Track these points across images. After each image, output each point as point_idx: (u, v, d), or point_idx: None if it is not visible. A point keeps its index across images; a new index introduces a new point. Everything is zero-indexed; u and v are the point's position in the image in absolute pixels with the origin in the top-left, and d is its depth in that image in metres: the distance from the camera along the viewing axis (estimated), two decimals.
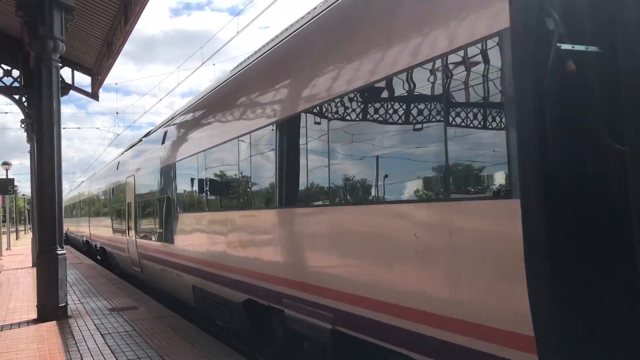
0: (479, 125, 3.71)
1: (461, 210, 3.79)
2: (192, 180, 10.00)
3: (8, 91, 18.88)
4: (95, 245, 24.69)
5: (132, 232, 15.03)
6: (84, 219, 29.61)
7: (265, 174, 6.92)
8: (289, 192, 6.26)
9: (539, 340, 3.19)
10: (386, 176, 4.64)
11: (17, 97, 18.93)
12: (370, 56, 4.83)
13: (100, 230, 22.83)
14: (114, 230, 18.53)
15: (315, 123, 5.60)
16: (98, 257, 23.95)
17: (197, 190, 9.84)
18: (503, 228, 3.43)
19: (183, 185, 10.77)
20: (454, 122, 3.87)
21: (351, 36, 5.31)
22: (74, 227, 36.83)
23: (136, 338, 8.11)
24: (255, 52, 8.52)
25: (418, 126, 4.23)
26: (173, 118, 12.34)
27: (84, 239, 29.53)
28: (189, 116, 10.85)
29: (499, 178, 3.56)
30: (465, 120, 3.81)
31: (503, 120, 3.48)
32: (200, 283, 9.50)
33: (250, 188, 7.45)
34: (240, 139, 7.63)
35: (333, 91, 5.24)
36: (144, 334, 8.34)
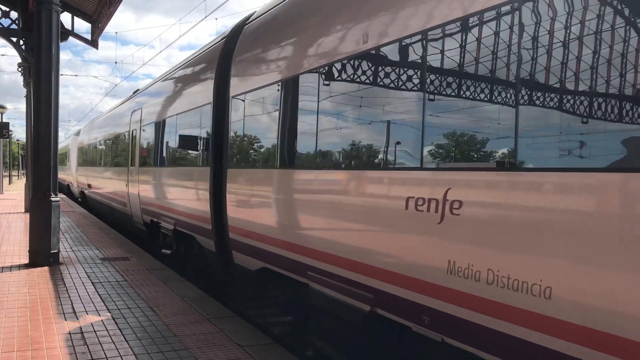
0: None
1: None
2: None
3: (5, 33, 18.56)
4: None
5: None
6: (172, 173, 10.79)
7: None
8: None
9: None
10: None
11: (14, 39, 18.62)
12: None
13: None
14: None
15: None
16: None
17: None
18: None
19: None
20: None
21: None
22: (109, 184, 17.74)
23: (127, 288, 8.20)
24: None
25: None
26: None
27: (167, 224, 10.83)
28: None
29: None
30: None
31: None
32: None
33: None
34: None
35: None
36: (134, 285, 8.43)
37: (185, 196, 9.75)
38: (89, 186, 23.02)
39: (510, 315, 3.41)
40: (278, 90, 6.57)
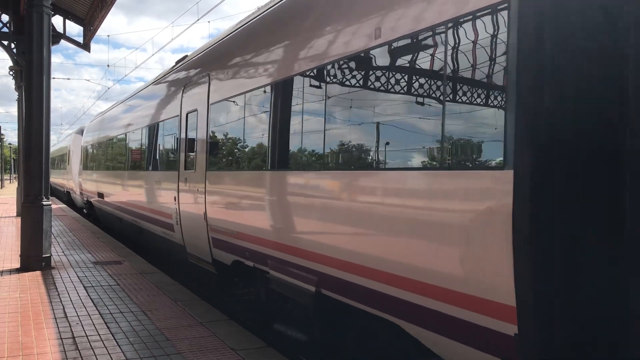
0: None
1: None
2: None
3: None
4: None
5: None
6: None
7: None
8: None
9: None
10: None
11: (6, 43, 18.52)
12: None
13: None
14: None
15: None
16: None
17: None
18: None
19: None
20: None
21: None
22: (137, 195, 13.05)
23: (119, 292, 8.15)
24: None
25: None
26: None
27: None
28: None
29: None
30: None
31: None
32: None
33: None
34: None
35: None
36: (127, 289, 8.38)
37: (366, 233, 4.71)
38: (100, 195, 17.82)
39: None
40: None
